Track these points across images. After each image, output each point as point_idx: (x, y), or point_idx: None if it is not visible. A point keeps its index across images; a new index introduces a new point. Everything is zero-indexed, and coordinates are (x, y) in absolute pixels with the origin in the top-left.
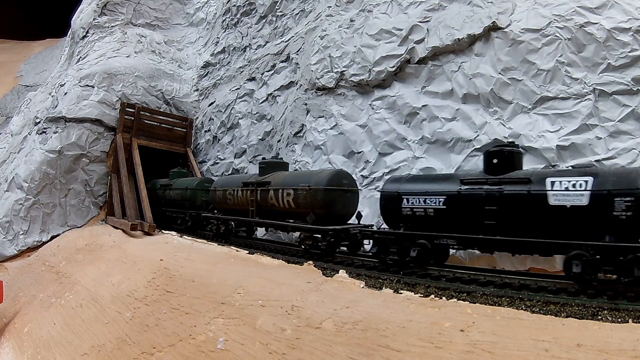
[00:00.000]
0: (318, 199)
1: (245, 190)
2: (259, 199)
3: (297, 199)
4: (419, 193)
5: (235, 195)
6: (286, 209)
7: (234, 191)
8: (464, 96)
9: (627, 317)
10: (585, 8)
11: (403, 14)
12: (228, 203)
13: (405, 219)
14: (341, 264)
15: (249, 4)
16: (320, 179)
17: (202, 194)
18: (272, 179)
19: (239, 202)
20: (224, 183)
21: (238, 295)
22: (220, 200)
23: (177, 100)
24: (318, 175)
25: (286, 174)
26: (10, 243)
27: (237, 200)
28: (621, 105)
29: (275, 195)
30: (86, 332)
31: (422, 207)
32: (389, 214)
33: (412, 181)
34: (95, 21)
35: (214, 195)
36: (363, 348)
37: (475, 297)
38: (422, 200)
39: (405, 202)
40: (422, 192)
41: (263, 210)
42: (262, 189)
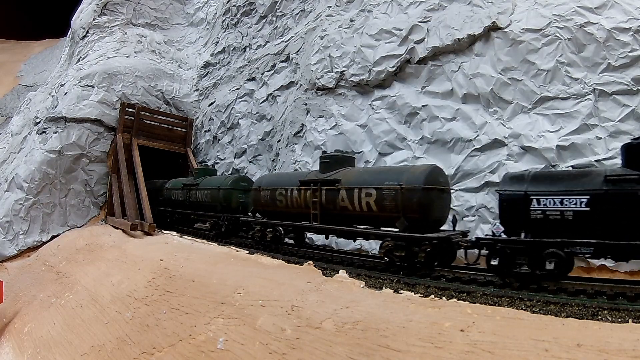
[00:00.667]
0: (413, 201)
1: (303, 190)
2: (324, 200)
3: (381, 200)
4: (555, 193)
5: (289, 196)
6: (364, 212)
7: (287, 191)
8: (464, 96)
9: (627, 317)
10: (585, 8)
11: (403, 14)
12: (277, 205)
13: (534, 224)
14: (341, 264)
15: (249, 4)
16: (416, 176)
17: (238, 194)
18: (342, 176)
19: (294, 205)
20: (272, 182)
21: (238, 295)
22: (267, 202)
23: (177, 100)
24: (411, 172)
25: (361, 171)
26: (10, 243)
27: (291, 202)
28: (621, 105)
29: (348, 196)
30: (86, 332)
31: (557, 210)
32: (511, 218)
33: (541, 179)
34: (95, 21)
35: (257, 196)
36: (363, 348)
37: (475, 297)
38: (559, 201)
39: (535, 204)
40: (558, 192)
41: (329, 214)
42: (328, 188)
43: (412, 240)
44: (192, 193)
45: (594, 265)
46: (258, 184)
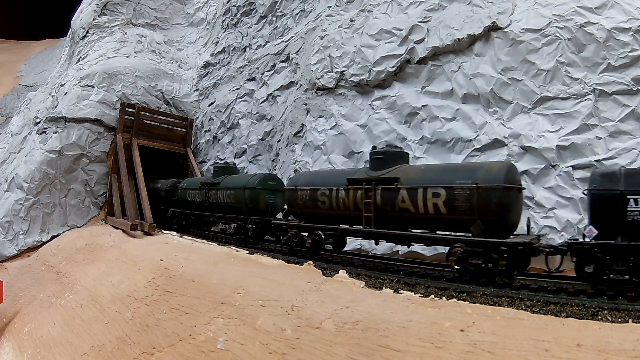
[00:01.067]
0: (493, 202)
1: (353, 190)
2: (380, 202)
3: (452, 201)
4: None
5: (334, 197)
6: (429, 215)
7: (332, 191)
8: (464, 96)
9: (627, 317)
10: (585, 8)
11: (403, 14)
12: (319, 207)
13: (632, 227)
14: (341, 264)
15: (249, 4)
16: (494, 174)
17: (266, 194)
18: (401, 174)
19: (341, 206)
20: (311, 180)
21: (238, 295)
22: (306, 203)
23: (177, 100)
24: (487, 169)
25: (422, 168)
26: (10, 243)
27: (337, 203)
28: (621, 105)
29: (410, 197)
30: (86, 332)
31: None
32: (605, 220)
33: (636, 176)
34: (95, 21)
35: (293, 197)
36: (363, 348)
37: (475, 297)
38: None
39: (633, 205)
40: None
41: (386, 216)
42: (385, 188)
43: (492, 246)
44: (211, 193)
45: None
46: (294, 183)
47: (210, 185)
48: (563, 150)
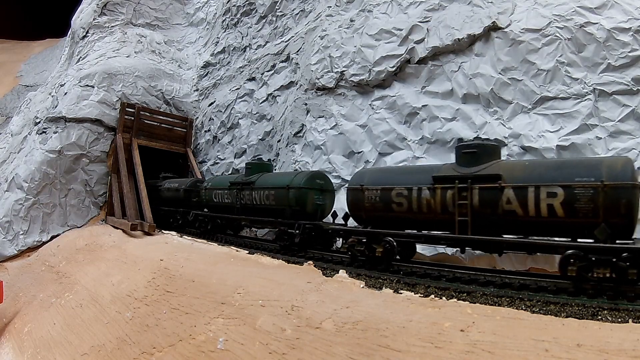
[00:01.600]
0: (621, 202)
1: (440, 189)
2: (478, 203)
3: (572, 202)
4: None
5: (415, 198)
6: (542, 219)
7: (413, 191)
8: (464, 96)
9: (627, 317)
10: (585, 8)
11: (403, 14)
12: (394, 210)
13: None
14: (341, 264)
15: (249, 4)
16: (620, 170)
17: (315, 195)
18: (503, 171)
19: (424, 209)
20: (381, 179)
21: (238, 295)
22: (376, 205)
23: (177, 100)
24: (610, 165)
25: (527, 164)
26: (10, 243)
27: (419, 205)
28: (621, 105)
29: (518, 198)
30: (86, 332)
31: None
32: None
33: None
34: (95, 21)
35: (358, 198)
36: (363, 348)
37: (475, 297)
38: None
39: None
40: None
41: (487, 220)
42: (484, 187)
43: (620, 252)
44: (244, 194)
45: None
46: (358, 182)
47: (243, 184)
48: (563, 150)
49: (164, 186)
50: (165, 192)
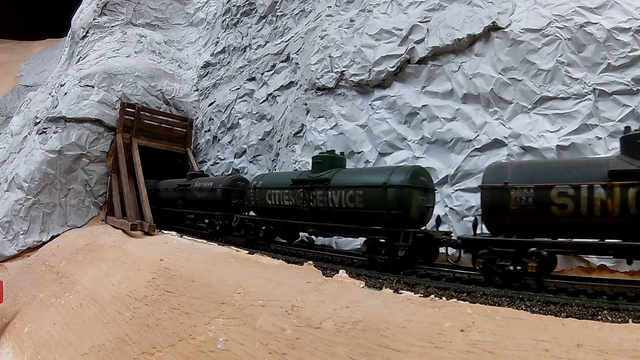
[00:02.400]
0: None
1: (620, 187)
2: None
3: None
4: None
5: (585, 198)
6: None
7: (581, 190)
8: (464, 96)
9: (627, 317)
10: (585, 8)
11: (403, 14)
12: (555, 214)
13: None
14: (341, 264)
15: (249, 4)
16: None
17: (419, 195)
18: None
19: (597, 212)
20: (535, 174)
21: (238, 295)
22: (528, 208)
23: (177, 100)
24: None
25: None
26: (10, 243)
27: (590, 207)
28: (621, 105)
29: None
30: (86, 332)
31: None
32: None
33: None
34: (95, 21)
35: (501, 199)
36: (363, 348)
37: (475, 297)
38: None
39: None
40: None
41: None
42: None
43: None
44: (315, 194)
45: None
46: (500, 179)
47: (313, 182)
48: (563, 150)
49: (194, 185)
50: (195, 192)
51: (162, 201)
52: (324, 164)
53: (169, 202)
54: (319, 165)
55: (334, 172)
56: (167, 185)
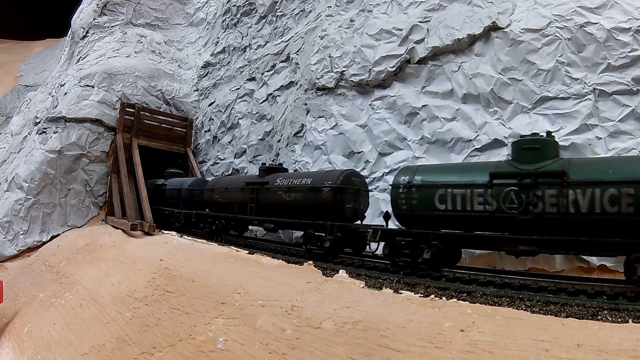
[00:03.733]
0: None
1: None
2: None
3: None
4: None
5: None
6: None
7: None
8: (464, 96)
9: (627, 317)
10: (585, 8)
11: (403, 14)
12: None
13: None
14: (341, 264)
15: (249, 4)
16: None
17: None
18: None
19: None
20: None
21: (238, 295)
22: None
23: (177, 100)
24: None
25: None
26: (10, 243)
27: None
28: (621, 105)
29: None
30: (86, 332)
31: None
32: None
33: None
34: (95, 21)
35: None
36: (363, 348)
37: (475, 297)
38: None
39: None
40: None
41: None
42: None
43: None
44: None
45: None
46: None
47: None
48: (563, 150)
49: (277, 183)
50: (280, 193)
51: (207, 204)
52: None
53: (226, 207)
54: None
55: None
56: (222, 183)
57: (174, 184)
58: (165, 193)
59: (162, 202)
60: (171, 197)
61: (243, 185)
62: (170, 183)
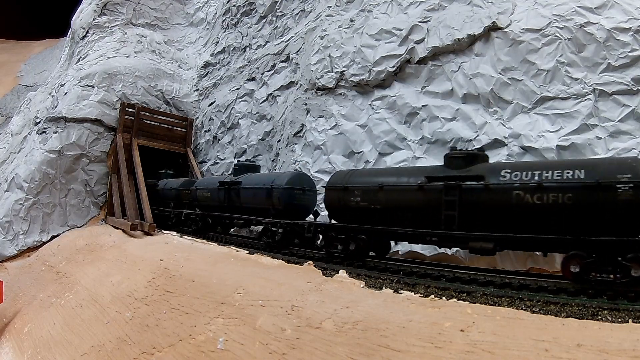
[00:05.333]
0: None
1: None
2: None
3: None
4: None
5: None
6: None
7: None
8: (464, 96)
9: (627, 317)
10: (585, 8)
11: (403, 14)
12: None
13: None
14: (341, 264)
15: (249, 4)
16: None
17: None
18: None
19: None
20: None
21: (238, 295)
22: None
23: (177, 100)
24: None
25: None
26: (10, 243)
27: None
28: (621, 105)
29: None
30: (86, 332)
31: None
32: None
33: None
34: (95, 21)
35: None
36: (363, 348)
37: (475, 297)
38: None
39: None
40: None
41: None
42: None
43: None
44: None
45: None
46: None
47: None
48: (563, 150)
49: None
50: None
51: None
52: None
53: None
54: None
55: None
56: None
57: None
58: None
59: None
60: None
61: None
62: None
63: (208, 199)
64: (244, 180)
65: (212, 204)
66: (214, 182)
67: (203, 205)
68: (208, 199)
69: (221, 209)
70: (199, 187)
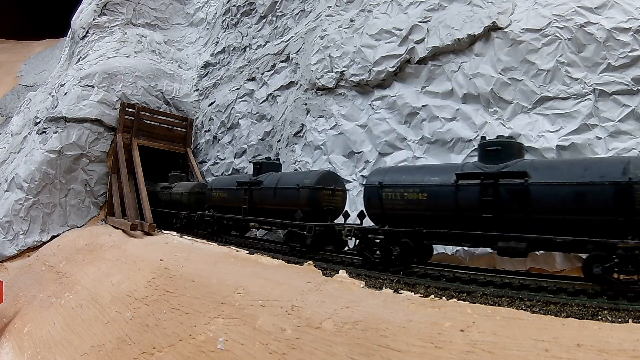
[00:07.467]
0: None
1: None
2: None
3: None
4: None
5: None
6: None
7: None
8: (464, 96)
9: (627, 317)
10: (585, 8)
11: (403, 14)
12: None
13: None
14: (341, 264)
15: (249, 4)
16: None
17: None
18: None
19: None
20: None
21: (238, 295)
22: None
23: (177, 100)
24: None
25: None
26: (10, 243)
27: None
28: (621, 105)
29: None
30: (86, 332)
31: None
32: None
33: None
34: (95, 21)
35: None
36: (363, 348)
37: (475, 297)
38: None
39: None
40: None
41: None
42: None
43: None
44: None
45: None
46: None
47: None
48: (563, 150)
49: None
50: None
51: None
52: None
53: None
54: None
55: None
56: None
57: None
58: None
59: None
60: None
61: None
62: None
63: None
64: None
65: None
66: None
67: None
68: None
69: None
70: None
